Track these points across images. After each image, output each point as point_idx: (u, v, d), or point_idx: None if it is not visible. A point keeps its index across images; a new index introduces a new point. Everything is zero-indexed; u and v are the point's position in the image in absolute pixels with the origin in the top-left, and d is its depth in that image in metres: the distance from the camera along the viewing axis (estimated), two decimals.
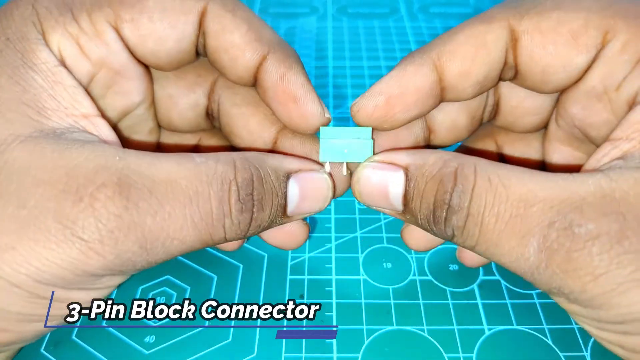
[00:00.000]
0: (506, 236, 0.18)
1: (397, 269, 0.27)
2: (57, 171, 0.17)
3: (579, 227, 0.17)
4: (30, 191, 0.17)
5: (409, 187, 0.20)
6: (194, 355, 0.23)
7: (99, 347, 0.23)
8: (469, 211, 0.18)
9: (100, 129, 0.20)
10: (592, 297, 0.17)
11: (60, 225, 0.16)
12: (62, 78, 0.19)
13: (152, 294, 0.26)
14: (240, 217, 0.19)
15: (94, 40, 0.20)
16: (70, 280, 0.17)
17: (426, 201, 0.19)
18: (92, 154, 0.18)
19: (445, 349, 0.23)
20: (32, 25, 0.19)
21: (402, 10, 0.56)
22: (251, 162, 0.20)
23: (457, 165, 0.19)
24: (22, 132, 0.18)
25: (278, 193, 0.20)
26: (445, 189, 0.19)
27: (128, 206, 0.17)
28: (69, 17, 0.20)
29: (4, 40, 0.19)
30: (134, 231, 0.17)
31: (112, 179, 0.17)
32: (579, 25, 0.19)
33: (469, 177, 0.18)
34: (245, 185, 0.19)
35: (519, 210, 0.17)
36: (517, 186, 0.18)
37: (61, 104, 0.19)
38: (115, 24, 0.20)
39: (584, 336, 0.24)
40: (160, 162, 0.18)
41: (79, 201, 0.17)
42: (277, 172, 0.20)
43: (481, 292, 0.26)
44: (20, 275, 0.17)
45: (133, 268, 0.18)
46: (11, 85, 0.18)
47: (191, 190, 0.18)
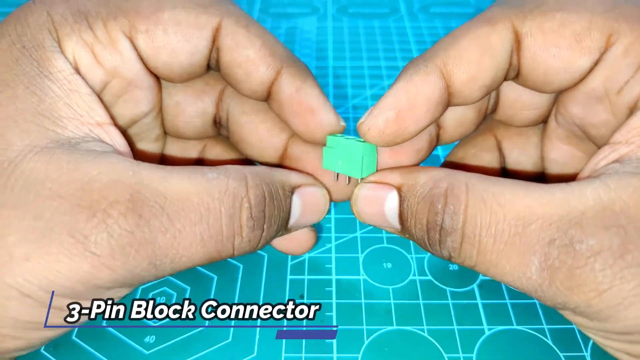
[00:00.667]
0: (506, 256, 0.18)
1: (397, 269, 0.27)
2: (72, 185, 0.17)
3: (579, 243, 0.16)
4: (46, 204, 0.17)
5: (402, 208, 0.20)
6: (194, 355, 0.23)
7: (99, 347, 0.23)
8: (463, 232, 0.18)
9: (113, 138, 0.20)
10: (598, 311, 0.17)
11: (74, 239, 0.17)
12: (77, 86, 0.19)
13: (152, 294, 0.26)
14: (252, 234, 0.19)
15: (109, 49, 0.20)
16: (80, 292, 0.18)
17: (419, 222, 0.20)
18: (106, 167, 0.18)
19: (445, 349, 0.23)
20: (47, 33, 0.19)
21: (402, 10, 0.56)
22: (262, 178, 0.20)
23: (447, 185, 0.19)
24: (38, 142, 0.18)
25: (284, 208, 0.21)
26: (436, 211, 0.19)
27: (140, 223, 0.17)
28: (85, 25, 0.20)
29: (19, 48, 0.19)
30: (144, 248, 0.17)
31: (125, 195, 0.17)
32: (582, 28, 0.19)
33: (460, 197, 0.18)
34: (258, 203, 0.19)
35: (517, 229, 0.17)
36: (513, 203, 0.18)
37: (77, 112, 0.19)
38: (130, 34, 0.20)
39: (584, 336, 0.24)
40: (172, 176, 0.18)
41: (92, 217, 0.17)
42: (284, 187, 0.21)
43: (481, 292, 0.26)
44: (32, 286, 0.17)
45: (140, 282, 0.19)
46: (28, 95, 0.18)
47: (202, 207, 0.18)
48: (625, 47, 0.19)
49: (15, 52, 0.19)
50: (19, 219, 0.17)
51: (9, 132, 0.18)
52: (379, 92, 0.42)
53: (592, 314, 0.17)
